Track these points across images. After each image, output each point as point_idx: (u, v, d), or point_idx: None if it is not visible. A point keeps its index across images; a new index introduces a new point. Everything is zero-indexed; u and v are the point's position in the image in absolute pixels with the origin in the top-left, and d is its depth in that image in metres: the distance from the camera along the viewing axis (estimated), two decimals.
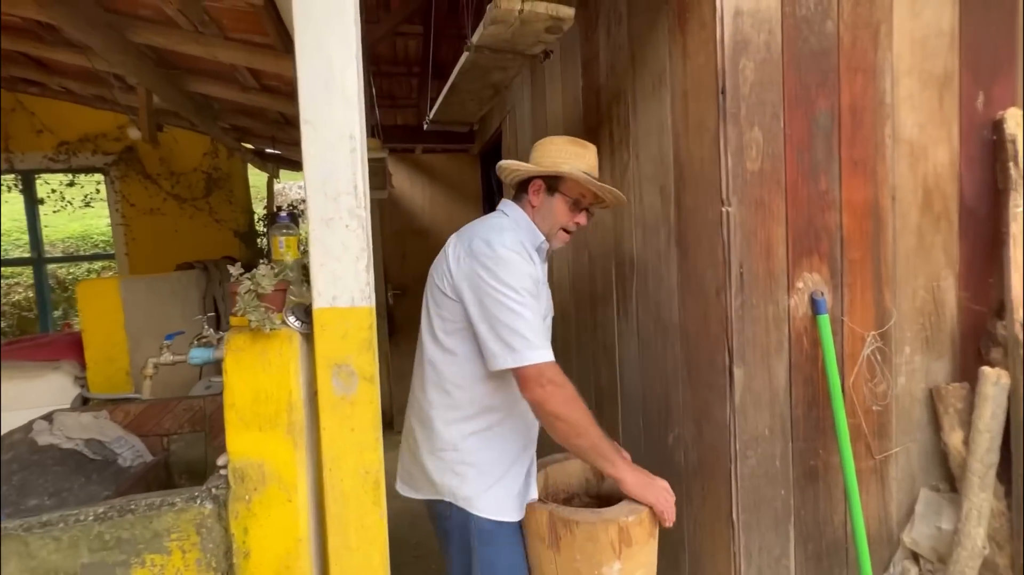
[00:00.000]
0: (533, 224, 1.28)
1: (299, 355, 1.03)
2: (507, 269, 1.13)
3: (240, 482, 1.01)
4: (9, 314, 5.67)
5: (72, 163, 3.36)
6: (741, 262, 1.24)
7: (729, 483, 1.28)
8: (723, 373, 1.28)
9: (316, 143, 0.99)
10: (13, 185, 3.42)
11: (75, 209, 3.68)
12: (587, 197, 1.28)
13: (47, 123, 3.27)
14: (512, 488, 1.20)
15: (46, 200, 3.58)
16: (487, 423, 1.19)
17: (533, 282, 1.16)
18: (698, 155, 1.32)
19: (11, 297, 5.92)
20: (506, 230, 1.21)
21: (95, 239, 6.62)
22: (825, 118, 1.28)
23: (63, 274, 6.18)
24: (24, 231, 4.35)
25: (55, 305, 5.30)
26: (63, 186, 3.57)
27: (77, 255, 6.44)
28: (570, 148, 1.26)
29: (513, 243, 1.17)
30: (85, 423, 1.55)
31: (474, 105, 2.22)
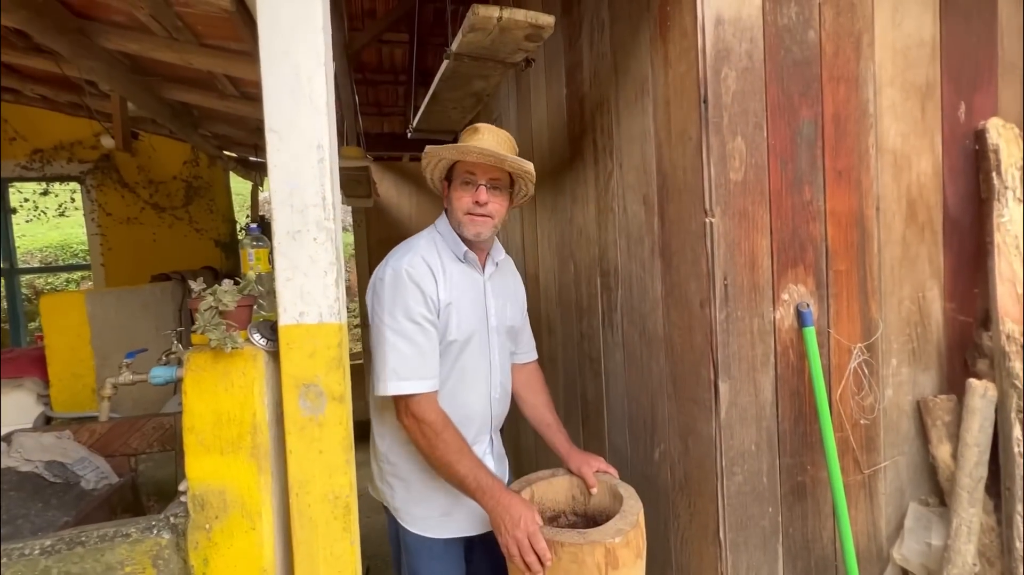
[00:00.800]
0: (452, 229, 1.28)
1: (264, 374, 0.98)
2: (392, 296, 1.16)
3: (200, 510, 0.95)
4: None
5: (46, 171, 3.27)
6: (725, 274, 1.21)
7: (716, 500, 1.25)
8: (708, 387, 1.24)
9: (282, 153, 0.95)
10: None
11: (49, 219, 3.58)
12: (474, 173, 1.24)
13: (20, 130, 3.18)
14: (436, 507, 1.22)
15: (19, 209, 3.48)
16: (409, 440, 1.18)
17: (426, 304, 1.17)
18: (681, 164, 1.29)
19: None
20: (412, 251, 1.23)
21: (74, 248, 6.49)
22: (808, 128, 1.27)
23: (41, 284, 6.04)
24: None
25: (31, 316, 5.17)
26: (36, 195, 3.47)
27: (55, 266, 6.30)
28: (468, 135, 1.26)
29: (411, 264, 1.19)
30: (46, 444, 1.48)
31: (457, 113, 2.19)
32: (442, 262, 1.24)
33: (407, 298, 1.15)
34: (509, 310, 1.37)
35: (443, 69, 1.70)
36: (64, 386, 1.82)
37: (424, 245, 1.26)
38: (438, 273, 1.22)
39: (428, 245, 1.26)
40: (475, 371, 1.27)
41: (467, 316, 1.25)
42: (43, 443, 1.48)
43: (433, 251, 1.25)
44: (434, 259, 1.23)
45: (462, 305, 1.24)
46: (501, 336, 1.34)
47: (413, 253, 1.22)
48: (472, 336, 1.26)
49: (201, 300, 0.94)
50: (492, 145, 1.22)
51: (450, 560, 1.24)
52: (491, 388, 1.31)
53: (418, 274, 1.18)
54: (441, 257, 1.25)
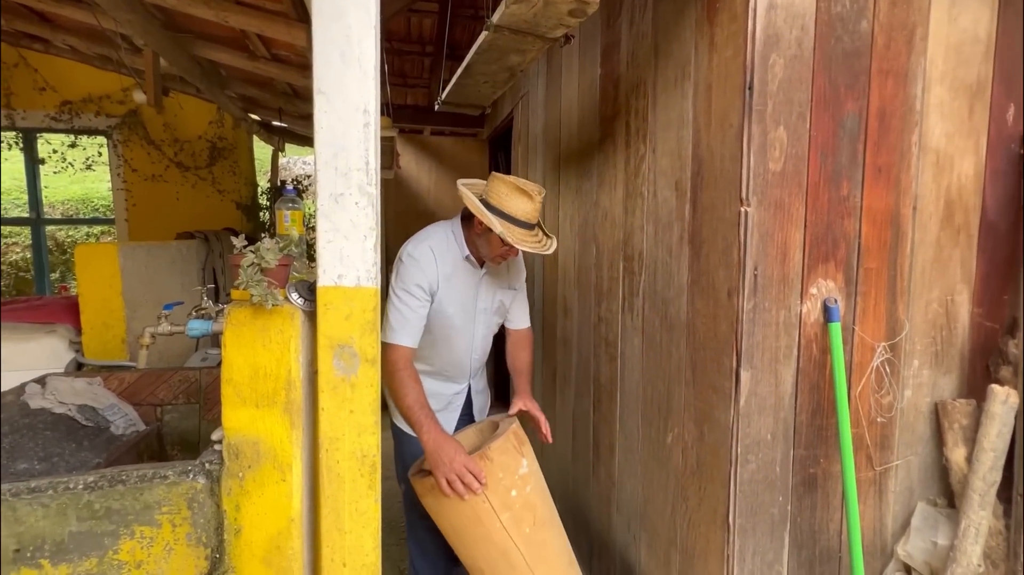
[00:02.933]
0: (465, 242, 1.62)
1: (300, 333, 1.01)
2: (403, 272, 1.54)
3: (234, 459, 0.99)
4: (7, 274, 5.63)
5: (74, 124, 3.29)
6: (756, 264, 1.21)
7: (728, 486, 1.27)
8: (729, 376, 1.25)
9: (329, 115, 0.95)
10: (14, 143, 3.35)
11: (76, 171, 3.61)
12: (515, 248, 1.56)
13: (50, 81, 3.19)
14: None
15: (47, 160, 3.51)
16: None
17: (428, 281, 1.54)
18: (719, 152, 1.28)
19: (9, 257, 5.87)
20: (427, 240, 1.59)
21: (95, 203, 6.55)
22: (852, 121, 1.25)
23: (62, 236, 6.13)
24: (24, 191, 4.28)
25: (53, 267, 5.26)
26: (65, 147, 3.50)
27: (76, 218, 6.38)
28: (515, 195, 1.51)
29: (422, 251, 1.55)
30: (78, 389, 1.53)
31: (488, 88, 2.17)
32: (448, 256, 1.59)
33: (411, 278, 1.53)
34: (499, 295, 1.73)
35: (480, 40, 1.67)
36: (95, 335, 1.86)
37: (438, 240, 1.61)
38: (441, 264, 1.57)
39: (441, 240, 1.61)
40: (459, 336, 1.67)
41: (457, 299, 1.61)
42: (75, 387, 1.53)
43: (443, 246, 1.60)
44: (442, 252, 1.58)
45: (454, 290, 1.60)
46: (487, 314, 1.72)
47: (427, 244, 1.57)
48: (460, 313, 1.63)
49: (243, 256, 0.96)
50: (531, 211, 1.52)
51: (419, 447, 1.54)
52: (472, 350, 1.72)
53: (424, 262, 1.54)
54: (448, 252, 1.60)
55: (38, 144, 3.53)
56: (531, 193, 1.51)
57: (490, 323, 1.74)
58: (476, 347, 1.72)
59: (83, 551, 0.95)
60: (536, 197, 1.52)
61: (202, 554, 0.99)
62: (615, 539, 1.91)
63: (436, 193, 4.43)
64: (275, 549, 1.01)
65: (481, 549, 1.40)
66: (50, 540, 0.93)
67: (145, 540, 0.97)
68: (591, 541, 2.13)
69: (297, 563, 1.02)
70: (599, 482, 2.06)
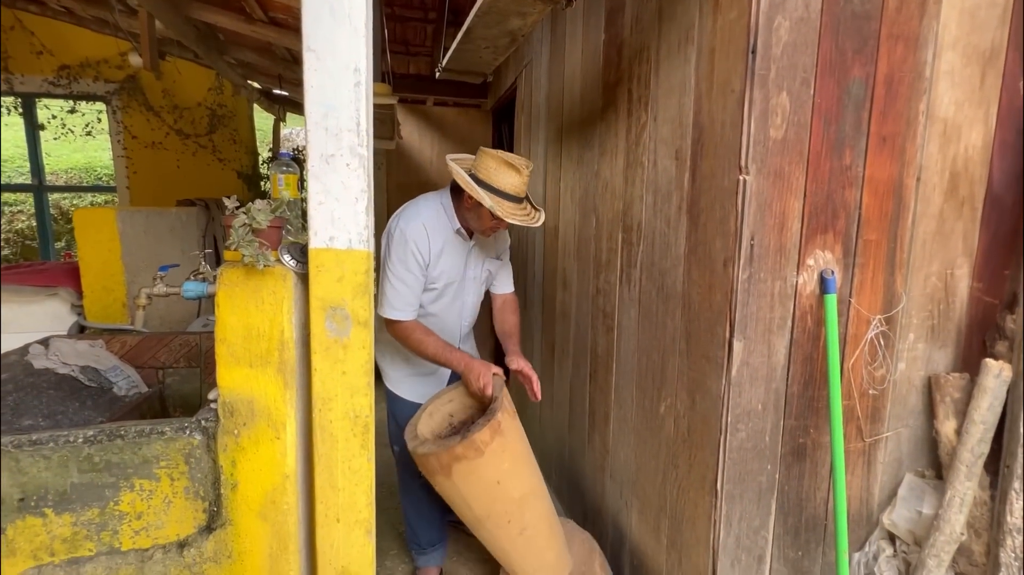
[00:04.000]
0: (455, 216, 1.67)
1: (293, 295, 1.01)
2: (397, 249, 1.60)
3: (229, 416, 1.01)
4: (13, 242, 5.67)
5: (73, 89, 3.26)
6: (753, 234, 1.20)
7: (717, 454, 1.29)
8: (722, 346, 1.26)
9: (319, 73, 0.94)
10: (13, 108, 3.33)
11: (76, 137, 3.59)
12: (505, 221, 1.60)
13: (48, 44, 3.14)
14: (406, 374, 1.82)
15: (47, 126, 3.49)
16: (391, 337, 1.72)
17: (424, 257, 1.62)
18: (720, 119, 1.26)
19: (14, 225, 5.90)
20: (417, 217, 1.63)
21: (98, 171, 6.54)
22: (858, 88, 1.21)
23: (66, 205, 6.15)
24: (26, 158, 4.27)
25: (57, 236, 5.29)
26: (64, 113, 3.48)
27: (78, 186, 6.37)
28: (503, 169, 1.56)
29: (416, 229, 1.61)
30: (81, 350, 1.55)
31: (489, 54, 2.12)
32: (439, 231, 1.65)
33: (406, 254, 1.60)
34: (487, 264, 1.83)
35: (480, 2, 1.63)
36: (96, 298, 1.89)
37: (429, 215, 1.65)
38: (433, 241, 1.63)
39: (432, 215, 1.66)
40: (450, 304, 1.79)
41: (448, 270, 1.70)
42: (78, 349, 1.55)
43: (434, 219, 1.65)
44: (434, 228, 1.64)
45: (446, 263, 1.68)
46: (476, 283, 1.83)
47: (419, 221, 1.62)
48: (452, 282, 1.74)
49: (235, 217, 0.96)
50: (519, 185, 1.58)
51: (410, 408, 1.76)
52: (462, 316, 1.85)
53: (418, 238, 1.61)
54: (440, 226, 1.66)
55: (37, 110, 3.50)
56: (519, 167, 1.55)
57: (479, 291, 1.87)
58: (466, 314, 1.86)
59: (85, 501, 0.98)
60: (524, 171, 1.56)
61: (200, 507, 1.02)
62: (608, 505, 1.95)
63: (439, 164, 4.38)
64: (270, 504, 1.03)
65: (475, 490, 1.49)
66: (53, 490, 0.96)
67: (145, 492, 1.00)
68: (585, 508, 2.18)
69: (292, 518, 1.05)
70: (594, 451, 2.09)
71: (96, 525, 0.98)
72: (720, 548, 1.30)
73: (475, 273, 1.79)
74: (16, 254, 5.30)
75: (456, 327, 1.84)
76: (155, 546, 1.01)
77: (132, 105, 3.38)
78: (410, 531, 1.92)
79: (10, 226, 5.80)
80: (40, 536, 0.96)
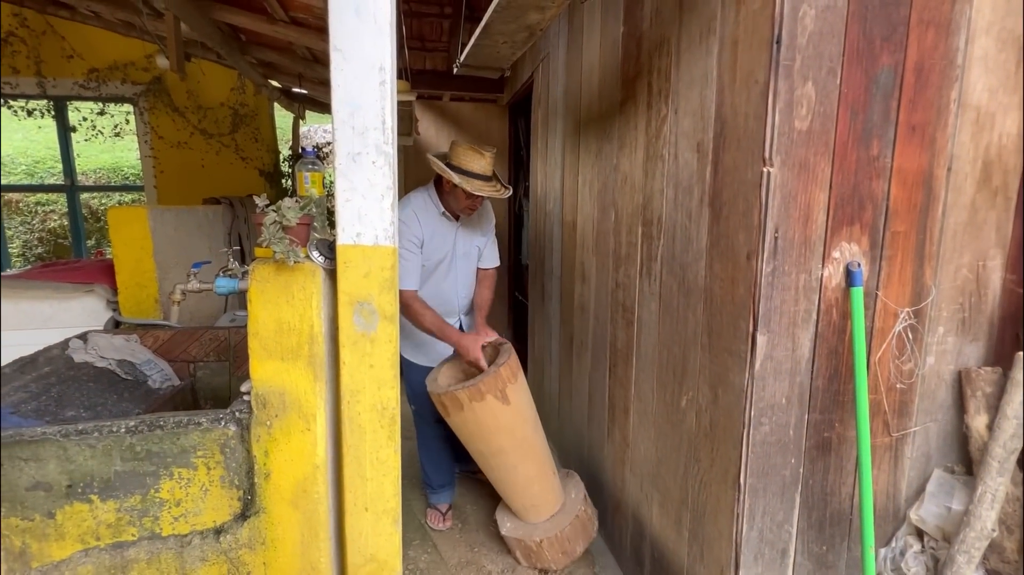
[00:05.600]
0: (439, 200, 2.05)
1: (321, 290, 1.04)
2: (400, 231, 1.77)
3: (262, 408, 1.04)
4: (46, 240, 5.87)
5: (102, 91, 3.35)
6: (777, 227, 1.19)
7: (740, 447, 1.28)
8: (745, 339, 1.25)
9: (345, 73, 0.96)
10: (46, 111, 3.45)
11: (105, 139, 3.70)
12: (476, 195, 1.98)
13: (78, 48, 3.24)
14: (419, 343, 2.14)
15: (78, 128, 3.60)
16: None
17: (417, 238, 1.97)
18: (743, 110, 1.24)
19: (48, 224, 6.11)
20: (409, 204, 2.00)
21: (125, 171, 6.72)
22: (887, 76, 1.19)
23: (95, 204, 6.33)
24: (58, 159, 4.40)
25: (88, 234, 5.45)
26: (93, 115, 3.58)
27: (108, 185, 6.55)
28: (470, 154, 1.94)
29: (407, 215, 1.96)
30: (117, 345, 1.61)
31: (507, 49, 2.12)
32: (428, 214, 2.01)
33: (404, 236, 1.93)
34: (475, 242, 2.18)
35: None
36: (130, 294, 1.95)
37: (417, 203, 2.03)
38: (424, 222, 1.99)
39: (420, 203, 2.03)
40: (446, 277, 2.11)
41: (439, 248, 2.04)
42: (115, 344, 1.61)
43: (423, 207, 2.02)
44: (422, 212, 2.00)
45: (437, 242, 2.03)
46: (466, 259, 2.16)
47: (409, 208, 1.99)
48: (442, 259, 2.06)
49: (265, 215, 0.99)
50: (485, 166, 1.96)
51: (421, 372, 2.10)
52: (457, 288, 2.16)
53: (411, 223, 1.96)
54: (427, 212, 2.02)
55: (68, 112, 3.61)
56: (482, 151, 1.95)
57: (470, 267, 2.20)
58: (460, 286, 2.17)
59: (128, 489, 1.02)
60: (487, 154, 1.95)
61: (235, 495, 1.06)
62: (628, 499, 1.96)
63: None
64: (302, 493, 1.07)
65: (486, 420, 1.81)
66: (98, 478, 1.00)
67: (183, 481, 1.04)
68: (605, 501, 2.19)
69: (323, 506, 1.08)
70: (614, 444, 2.10)
71: (138, 511, 1.03)
72: (743, 542, 1.30)
73: (464, 250, 2.13)
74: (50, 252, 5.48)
75: (454, 299, 2.15)
76: (193, 532, 1.05)
77: (158, 106, 3.47)
78: (424, 475, 2.30)
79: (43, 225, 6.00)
80: (87, 521, 1.00)
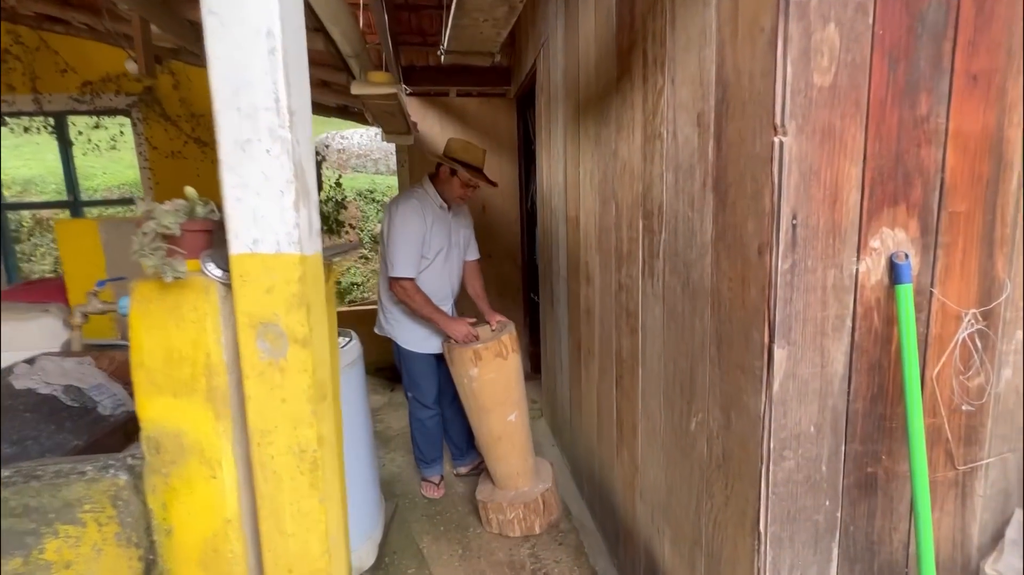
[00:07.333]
0: (437, 192, 2.30)
1: (220, 310, 0.86)
2: (400, 223, 2.19)
3: (155, 453, 0.87)
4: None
5: (96, 104, 3.34)
6: (795, 211, 0.94)
7: (758, 486, 1.04)
8: (760, 353, 1.00)
9: (224, 41, 0.77)
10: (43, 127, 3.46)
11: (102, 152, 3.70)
12: (472, 181, 2.28)
13: (71, 62, 3.23)
14: (416, 334, 2.36)
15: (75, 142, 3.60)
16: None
17: (417, 232, 2.20)
18: (747, 68, 1.00)
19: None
20: (412, 197, 2.25)
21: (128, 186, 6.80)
22: (936, 11, 0.92)
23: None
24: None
25: None
26: (89, 128, 3.58)
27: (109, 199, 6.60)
28: (467, 146, 2.28)
29: (412, 206, 2.21)
30: (67, 368, 1.49)
31: (490, 28, 1.92)
32: (428, 207, 2.26)
33: (408, 227, 2.19)
34: (463, 233, 2.44)
35: None
36: None
37: (419, 196, 2.27)
38: (426, 215, 2.24)
39: (422, 196, 2.29)
40: (444, 265, 2.35)
41: (439, 237, 2.29)
42: (64, 367, 1.49)
43: (424, 200, 2.28)
44: (424, 204, 2.26)
45: (437, 231, 2.28)
46: (459, 248, 2.42)
47: (414, 199, 2.25)
48: (442, 248, 2.31)
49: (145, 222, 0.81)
50: (480, 158, 2.30)
51: (426, 363, 2.41)
52: (452, 275, 2.42)
53: (415, 215, 2.21)
54: (427, 204, 2.27)
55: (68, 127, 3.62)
56: (477, 145, 2.30)
57: (461, 256, 2.45)
58: (454, 274, 2.43)
59: (6, 550, 0.86)
60: (480, 149, 2.30)
61: (135, 555, 0.89)
62: (639, 529, 1.72)
63: None
64: (212, 552, 0.89)
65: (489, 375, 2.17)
66: None
67: (71, 539, 0.88)
68: (617, 527, 1.95)
69: (239, 567, 0.90)
70: (623, 465, 1.86)
71: None
72: None
73: (457, 239, 2.38)
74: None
75: (449, 289, 2.39)
76: None
77: (151, 116, 3.43)
78: (417, 450, 2.53)
79: None
80: None
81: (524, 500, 2.23)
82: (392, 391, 4.06)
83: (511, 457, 2.27)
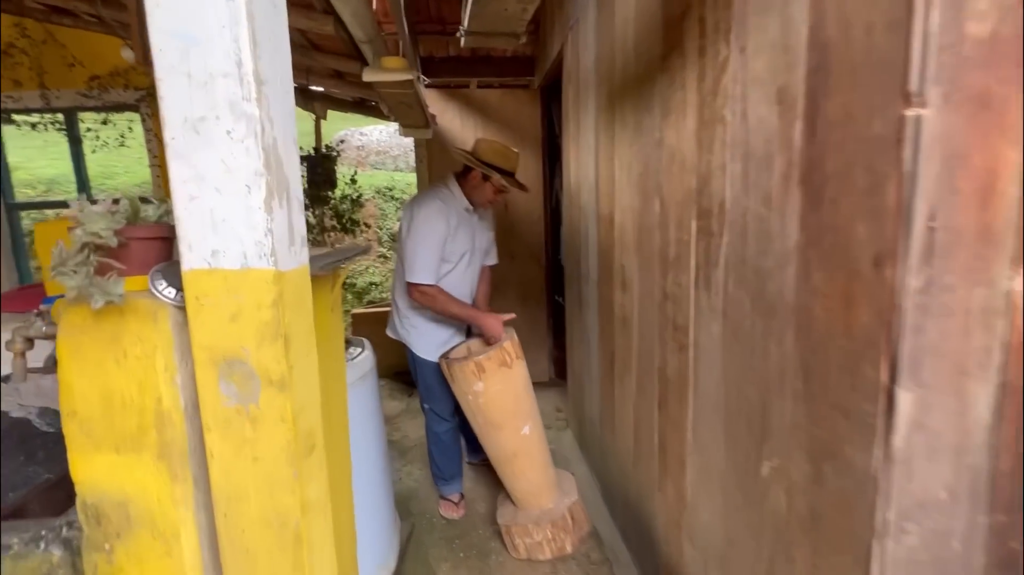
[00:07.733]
0: (463, 195, 2.16)
1: (175, 341, 0.66)
2: (423, 225, 2.06)
3: (95, 525, 0.68)
4: None
5: (104, 100, 3.24)
6: (934, 210, 0.70)
7: (866, 566, 0.80)
8: (874, 394, 0.77)
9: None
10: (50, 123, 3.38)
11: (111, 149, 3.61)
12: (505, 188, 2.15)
13: (78, 56, 3.13)
14: (434, 342, 2.24)
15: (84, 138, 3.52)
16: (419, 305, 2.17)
17: (440, 235, 2.06)
18: (862, 19, 0.76)
19: None
20: (437, 198, 2.11)
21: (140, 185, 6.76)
22: None
23: None
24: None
25: None
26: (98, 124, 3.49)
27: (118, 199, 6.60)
28: (502, 150, 2.13)
29: (437, 207, 2.08)
30: (44, 388, 1.34)
31: (515, 4, 1.70)
32: (453, 208, 2.13)
33: (431, 230, 2.05)
34: (486, 236, 2.34)
35: None
36: None
37: (444, 196, 2.13)
38: (450, 217, 2.10)
39: (447, 197, 2.14)
40: (467, 269, 2.23)
41: (462, 241, 2.16)
42: (41, 387, 1.34)
43: (450, 201, 2.14)
44: (450, 206, 2.12)
45: (460, 234, 2.14)
46: (480, 252, 2.30)
47: (438, 200, 2.10)
48: (465, 252, 2.18)
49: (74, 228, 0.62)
50: (514, 164, 2.16)
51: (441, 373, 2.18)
52: (473, 279, 2.30)
53: (439, 217, 2.07)
54: (452, 205, 2.13)
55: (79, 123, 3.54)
56: (511, 148, 2.16)
57: (481, 261, 2.34)
58: (474, 279, 2.31)
59: None
60: (515, 153, 2.17)
61: None
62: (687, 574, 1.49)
63: None
64: None
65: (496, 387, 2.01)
66: None
67: None
68: (657, 565, 1.73)
69: None
70: (666, 499, 1.63)
71: None
72: None
73: (480, 244, 2.27)
74: None
75: (469, 293, 2.28)
76: None
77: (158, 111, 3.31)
78: (434, 466, 2.41)
79: None
80: None
81: (551, 518, 2.07)
82: (410, 396, 3.89)
83: (530, 473, 2.10)
